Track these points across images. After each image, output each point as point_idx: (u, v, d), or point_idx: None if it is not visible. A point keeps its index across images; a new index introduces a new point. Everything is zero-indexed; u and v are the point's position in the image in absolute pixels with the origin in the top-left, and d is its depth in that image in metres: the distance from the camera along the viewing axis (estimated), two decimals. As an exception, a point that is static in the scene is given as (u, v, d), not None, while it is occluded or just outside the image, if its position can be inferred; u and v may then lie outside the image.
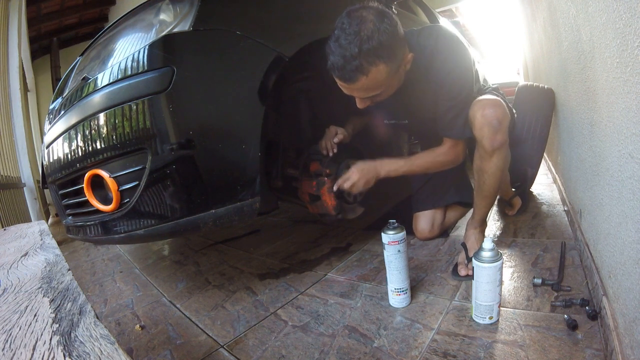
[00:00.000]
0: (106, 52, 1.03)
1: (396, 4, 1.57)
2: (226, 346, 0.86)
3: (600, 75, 0.71)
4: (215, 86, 0.87)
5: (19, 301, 0.49)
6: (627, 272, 0.57)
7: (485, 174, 0.99)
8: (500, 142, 0.93)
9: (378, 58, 0.78)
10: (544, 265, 1.00)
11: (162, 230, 0.88)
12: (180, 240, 1.86)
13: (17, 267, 0.69)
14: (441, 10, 5.06)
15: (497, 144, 0.93)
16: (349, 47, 0.77)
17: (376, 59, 0.78)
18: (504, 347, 0.70)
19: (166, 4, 0.90)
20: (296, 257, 1.38)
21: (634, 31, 0.48)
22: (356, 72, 0.79)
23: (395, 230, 0.86)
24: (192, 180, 0.86)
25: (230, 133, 0.90)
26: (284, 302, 1.03)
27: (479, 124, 0.93)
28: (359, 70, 0.79)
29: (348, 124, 1.26)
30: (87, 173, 0.90)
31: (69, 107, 0.98)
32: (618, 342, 0.58)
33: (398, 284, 0.89)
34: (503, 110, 0.93)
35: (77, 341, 0.36)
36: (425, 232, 1.31)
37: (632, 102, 0.52)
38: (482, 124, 0.92)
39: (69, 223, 1.13)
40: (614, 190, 0.66)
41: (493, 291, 0.76)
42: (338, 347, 0.79)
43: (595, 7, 0.67)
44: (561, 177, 1.62)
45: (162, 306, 1.13)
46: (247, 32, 0.92)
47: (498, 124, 0.91)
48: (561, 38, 1.20)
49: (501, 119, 0.92)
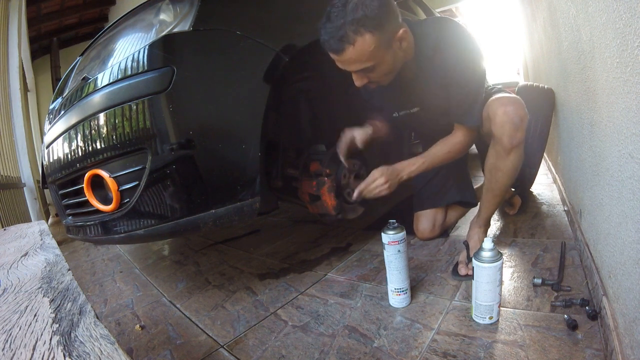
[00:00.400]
0: (106, 52, 1.03)
1: (396, 4, 1.57)
2: (226, 346, 0.86)
3: (600, 75, 0.71)
4: (215, 86, 0.87)
5: (19, 301, 0.49)
6: (627, 272, 0.57)
7: (500, 172, 0.99)
8: (520, 140, 0.94)
9: (363, 27, 0.81)
10: (544, 265, 1.00)
11: (162, 230, 0.88)
12: (180, 240, 1.86)
13: (17, 267, 0.69)
14: (441, 10, 5.06)
15: (516, 141, 0.93)
16: (335, 20, 0.82)
17: (361, 28, 0.81)
18: (504, 347, 0.70)
19: (166, 4, 0.90)
20: (296, 257, 1.38)
21: (634, 31, 0.48)
22: (342, 41, 0.82)
23: (395, 230, 0.86)
24: (192, 180, 0.86)
25: (230, 133, 0.90)
26: (284, 302, 1.03)
27: (501, 120, 0.93)
28: (344, 40, 0.82)
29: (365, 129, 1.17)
30: (87, 173, 0.90)
31: (69, 107, 0.98)
32: (618, 342, 0.58)
33: (398, 284, 0.89)
34: (524, 108, 0.94)
35: (77, 341, 0.36)
36: (426, 231, 1.31)
37: (632, 102, 0.52)
38: (504, 121, 0.93)
39: (69, 223, 1.13)
40: (614, 190, 0.66)
41: (493, 291, 0.76)
42: (338, 347, 0.79)
43: (595, 7, 0.67)
44: (561, 177, 1.62)
45: (162, 306, 1.13)
46: (247, 32, 0.92)
47: (520, 122, 0.92)
48: (561, 38, 1.20)
49: (522, 117, 0.93)
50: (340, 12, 0.81)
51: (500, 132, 0.94)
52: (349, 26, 0.81)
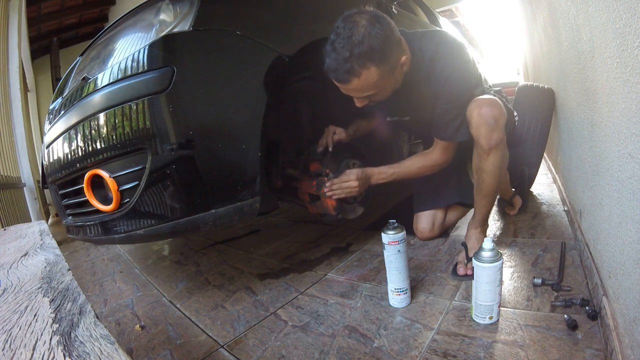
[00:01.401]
0: (106, 52, 1.03)
1: (396, 4, 1.57)
2: (226, 346, 0.86)
3: (600, 75, 0.71)
4: (215, 86, 0.87)
5: (19, 301, 0.49)
6: (627, 272, 0.57)
7: (484, 172, 1.00)
8: (497, 141, 0.94)
9: (369, 61, 0.82)
10: (544, 265, 1.00)
11: (162, 230, 0.88)
12: (180, 240, 1.86)
13: (17, 267, 0.69)
14: (441, 10, 5.06)
15: (493, 142, 0.94)
16: (341, 51, 0.82)
17: (367, 62, 0.82)
18: (504, 347, 0.70)
19: (166, 4, 0.90)
20: (296, 257, 1.38)
21: (634, 31, 0.48)
22: (348, 74, 0.84)
23: (395, 230, 0.86)
24: (192, 180, 0.86)
25: (231, 133, 0.90)
26: (284, 302, 1.03)
27: (476, 122, 0.94)
28: (351, 73, 0.83)
29: (351, 126, 1.26)
30: (87, 173, 0.90)
31: (69, 107, 0.98)
32: (618, 342, 0.58)
33: (398, 284, 0.89)
34: (499, 108, 0.94)
35: (77, 341, 0.36)
36: (425, 232, 1.31)
37: (632, 102, 0.52)
38: (479, 123, 0.93)
39: (69, 223, 1.13)
40: (614, 190, 0.66)
41: (493, 291, 0.76)
42: (338, 347, 0.79)
43: (595, 7, 0.67)
44: (561, 177, 1.62)
45: (162, 306, 1.13)
46: (247, 32, 0.92)
47: (494, 123, 0.92)
48: (561, 38, 1.20)
49: (497, 117, 0.93)
50: (346, 44, 0.81)
51: (477, 134, 0.95)
52: (356, 60, 0.82)
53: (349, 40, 0.81)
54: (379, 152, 1.57)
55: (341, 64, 0.83)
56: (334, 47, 0.83)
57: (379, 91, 0.91)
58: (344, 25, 0.83)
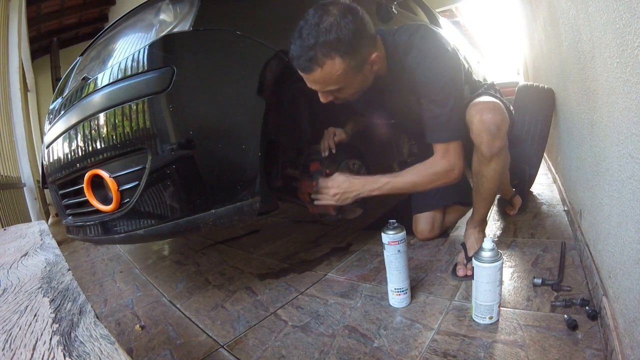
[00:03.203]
0: (106, 52, 1.03)
1: (396, 4, 1.57)
2: (226, 346, 0.86)
3: (600, 75, 0.71)
4: (215, 86, 0.87)
5: (19, 301, 0.49)
6: (627, 272, 0.57)
7: (484, 177, 0.98)
8: (499, 148, 0.90)
9: (334, 51, 0.78)
10: (544, 265, 1.00)
11: (162, 230, 0.88)
12: (180, 240, 1.86)
13: (17, 267, 0.69)
14: (441, 10, 5.06)
15: (495, 149, 0.90)
16: (307, 38, 0.78)
17: (332, 52, 0.78)
18: (504, 347, 0.70)
19: (166, 4, 0.90)
20: (296, 257, 1.38)
21: (634, 31, 0.48)
22: (311, 62, 0.79)
23: (395, 230, 0.86)
24: (192, 180, 0.86)
25: (231, 133, 0.90)
26: (284, 302, 1.03)
27: (477, 129, 0.90)
28: (313, 61, 0.79)
29: (347, 124, 1.26)
30: (87, 173, 0.90)
31: (69, 107, 0.98)
32: (618, 342, 0.58)
33: (398, 284, 0.89)
34: (502, 114, 0.90)
35: (77, 341, 0.36)
36: (425, 232, 1.30)
37: (632, 102, 0.52)
38: (480, 130, 0.90)
39: (69, 223, 1.13)
40: (614, 190, 0.66)
41: (493, 291, 0.76)
42: (338, 347, 0.79)
43: (595, 7, 0.67)
44: (561, 177, 1.62)
45: (162, 306, 1.13)
46: (247, 32, 0.92)
47: (496, 130, 0.89)
48: (561, 38, 1.20)
49: (500, 124, 0.89)
50: (312, 31, 0.77)
51: (478, 140, 0.91)
52: (320, 48, 0.77)
53: (316, 27, 0.77)
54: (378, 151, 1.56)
55: (305, 51, 0.78)
56: (300, 34, 0.79)
57: (344, 87, 0.86)
58: (314, 13, 0.79)
